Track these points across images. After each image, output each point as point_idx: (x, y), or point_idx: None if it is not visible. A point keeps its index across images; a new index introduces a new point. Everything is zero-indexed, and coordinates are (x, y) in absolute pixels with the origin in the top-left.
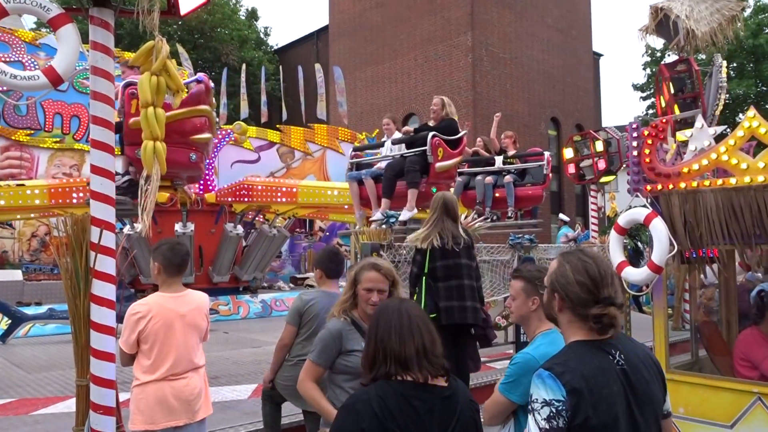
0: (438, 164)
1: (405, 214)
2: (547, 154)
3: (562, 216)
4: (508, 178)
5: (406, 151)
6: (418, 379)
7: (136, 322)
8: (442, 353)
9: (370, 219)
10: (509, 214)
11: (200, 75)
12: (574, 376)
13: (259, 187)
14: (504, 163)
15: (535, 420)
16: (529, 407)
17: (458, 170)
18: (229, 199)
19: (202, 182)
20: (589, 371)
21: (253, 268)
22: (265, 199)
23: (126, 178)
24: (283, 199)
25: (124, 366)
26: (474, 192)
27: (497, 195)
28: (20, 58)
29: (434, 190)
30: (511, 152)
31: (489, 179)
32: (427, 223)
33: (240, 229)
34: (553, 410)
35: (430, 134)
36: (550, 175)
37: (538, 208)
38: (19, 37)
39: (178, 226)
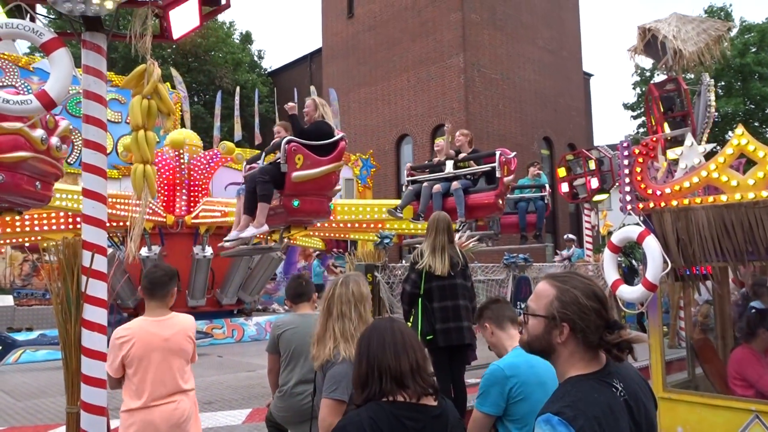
0: (295, 174)
1: (249, 231)
2: (498, 153)
3: (569, 236)
4: (455, 184)
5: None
6: (410, 398)
7: (119, 346)
8: (432, 372)
9: (224, 239)
10: (458, 226)
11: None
12: (588, 420)
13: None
14: (456, 167)
15: None
16: None
17: (410, 178)
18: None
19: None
20: (600, 411)
21: (256, 291)
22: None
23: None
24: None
25: (112, 389)
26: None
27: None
28: (13, 83)
29: (295, 203)
30: (463, 154)
31: (437, 187)
32: (425, 244)
33: None
34: None
35: (284, 140)
36: (505, 178)
37: (540, 229)
38: (12, 62)
39: (196, 250)
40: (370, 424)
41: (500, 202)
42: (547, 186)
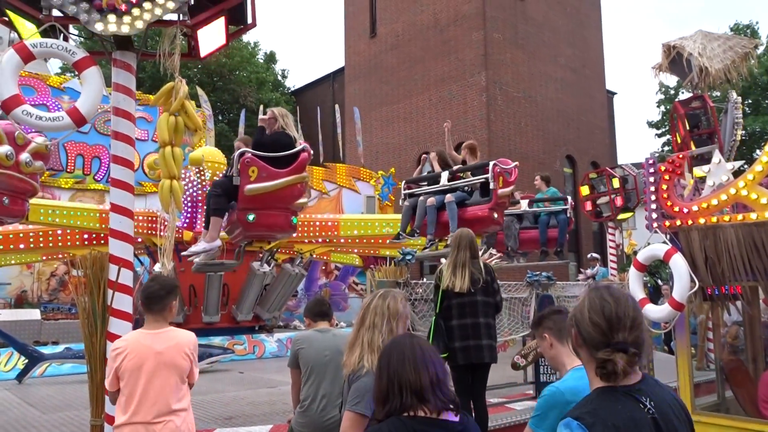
0: (248, 187)
1: (199, 246)
2: (492, 163)
3: (594, 255)
4: (449, 197)
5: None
6: (431, 413)
7: (114, 358)
8: (453, 387)
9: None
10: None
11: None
12: (606, 428)
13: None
14: (453, 179)
15: None
16: None
17: (407, 191)
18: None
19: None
20: (621, 422)
21: (274, 307)
22: (301, 233)
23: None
24: (323, 233)
25: (113, 404)
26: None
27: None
28: (45, 102)
29: (250, 217)
30: (458, 165)
31: (431, 200)
32: (448, 262)
33: (266, 267)
34: None
35: (238, 152)
36: (501, 190)
37: (562, 245)
38: (44, 82)
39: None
40: None
41: (495, 215)
42: (569, 199)
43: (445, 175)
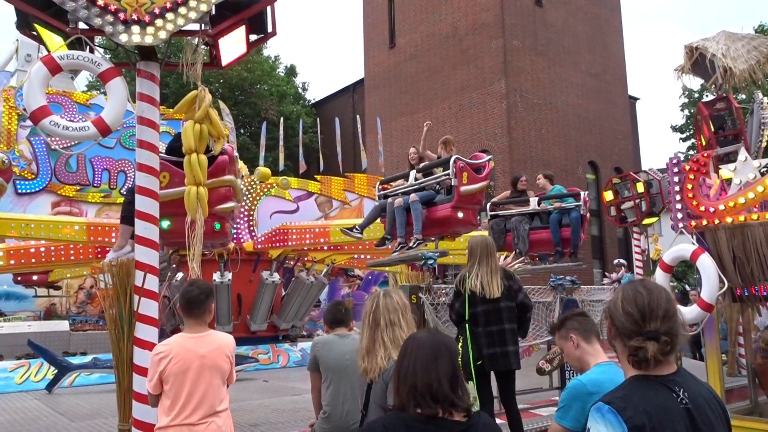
0: (159, 193)
1: (109, 255)
2: (453, 158)
3: (621, 261)
4: (413, 196)
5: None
6: (431, 411)
7: (158, 362)
8: (463, 389)
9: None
10: (412, 243)
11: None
12: (637, 413)
13: (294, 231)
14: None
15: None
16: None
17: (381, 192)
18: (264, 245)
19: (237, 232)
20: (652, 408)
21: (291, 317)
22: (299, 241)
23: None
24: (317, 240)
25: (153, 407)
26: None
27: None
28: (72, 118)
29: (164, 224)
30: (425, 162)
31: (398, 201)
32: (470, 269)
33: (276, 276)
34: None
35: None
36: (464, 187)
37: (576, 246)
38: (71, 98)
39: (216, 276)
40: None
41: (459, 215)
42: (583, 194)
43: (413, 173)
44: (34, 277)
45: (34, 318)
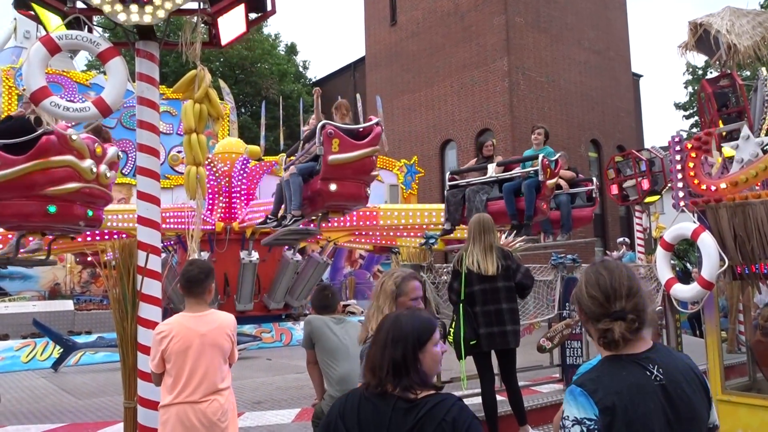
0: None
1: None
2: (320, 125)
3: (624, 239)
4: (292, 168)
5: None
6: (383, 388)
7: (159, 341)
8: (422, 368)
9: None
10: (288, 221)
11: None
12: (607, 393)
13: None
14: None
15: None
16: (561, 425)
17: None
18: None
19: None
20: (623, 388)
21: (303, 296)
22: (349, 222)
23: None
24: (366, 223)
25: (157, 386)
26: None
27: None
28: (72, 98)
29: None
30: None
31: (291, 169)
32: (467, 246)
33: (298, 256)
34: (584, 429)
35: None
36: (330, 157)
37: (530, 217)
38: (71, 78)
39: (243, 254)
40: (341, 402)
41: (332, 187)
42: (540, 157)
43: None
44: None
45: (38, 298)
